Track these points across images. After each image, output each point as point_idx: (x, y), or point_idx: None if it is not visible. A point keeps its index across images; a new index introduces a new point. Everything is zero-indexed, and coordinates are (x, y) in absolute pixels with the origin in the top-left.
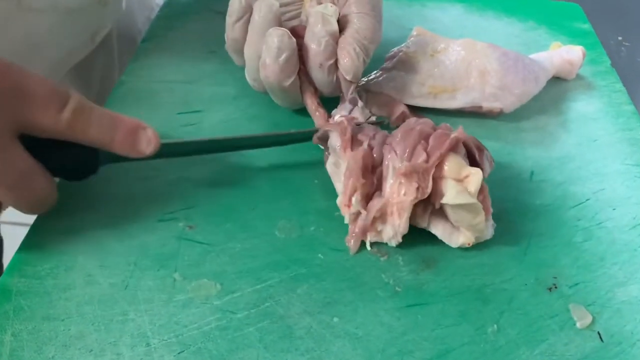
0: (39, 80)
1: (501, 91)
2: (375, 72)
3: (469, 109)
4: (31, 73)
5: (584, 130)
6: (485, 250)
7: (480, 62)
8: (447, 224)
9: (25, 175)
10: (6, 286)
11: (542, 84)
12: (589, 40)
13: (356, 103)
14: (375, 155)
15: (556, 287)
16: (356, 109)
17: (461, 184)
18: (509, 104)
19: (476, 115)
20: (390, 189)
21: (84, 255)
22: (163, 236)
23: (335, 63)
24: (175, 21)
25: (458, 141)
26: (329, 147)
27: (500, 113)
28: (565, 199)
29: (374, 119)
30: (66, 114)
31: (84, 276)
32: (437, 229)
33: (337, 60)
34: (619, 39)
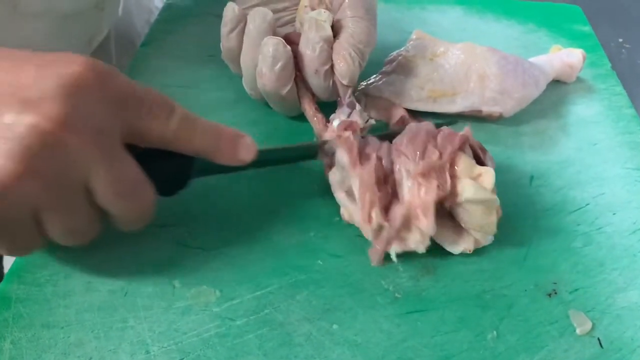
0: (147, 89)
1: (501, 95)
2: (374, 76)
3: (469, 113)
4: (138, 82)
5: (584, 134)
6: (485, 256)
7: (480, 66)
8: (447, 231)
9: (136, 185)
10: (5, 293)
11: (542, 87)
12: (589, 43)
13: (354, 107)
14: (385, 165)
15: (556, 293)
16: (354, 113)
17: (476, 182)
18: (509, 108)
19: (476, 119)
20: (409, 192)
21: (83, 262)
22: (163, 242)
23: (331, 68)
24: (175, 25)
25: (466, 139)
26: (332, 160)
27: (500, 117)
28: (565, 203)
29: (373, 122)
30: (173, 122)
31: (83, 283)
32: (438, 236)
33: (332, 65)
34: (620, 41)
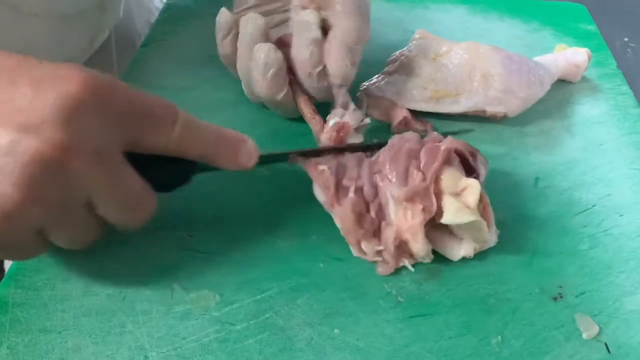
0: (147, 99)
1: (505, 95)
2: (376, 76)
3: (473, 113)
4: (140, 91)
5: (589, 134)
6: (490, 259)
7: (484, 66)
8: (447, 238)
9: (137, 197)
10: (2, 297)
11: (547, 87)
12: (594, 42)
13: (347, 107)
14: (366, 192)
15: (562, 297)
16: (347, 113)
17: (459, 198)
18: (513, 107)
19: (480, 119)
20: (396, 216)
21: (81, 265)
22: (162, 245)
23: (324, 69)
24: (175, 26)
25: (450, 152)
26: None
27: (504, 117)
28: (571, 205)
29: (368, 120)
30: (175, 133)
31: (81, 287)
32: (437, 243)
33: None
34: (625, 40)
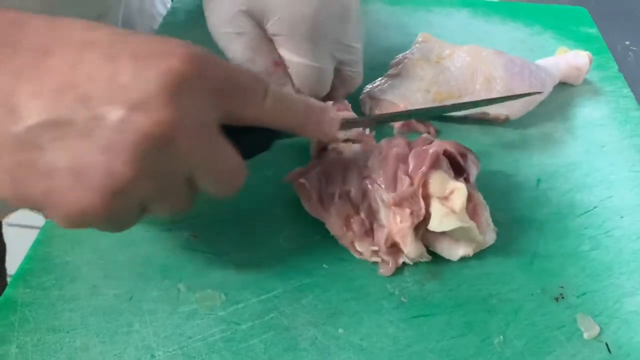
0: (241, 72)
1: None
2: (379, 79)
3: (475, 116)
4: (233, 64)
5: (591, 136)
6: (491, 260)
7: (486, 69)
8: (443, 239)
9: (234, 171)
10: (11, 297)
11: (549, 90)
12: (596, 45)
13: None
14: (354, 196)
15: (563, 297)
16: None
17: (447, 202)
18: (515, 110)
19: (482, 122)
20: (386, 220)
21: (88, 265)
22: (167, 246)
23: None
24: (179, 30)
25: (438, 156)
26: None
27: (506, 120)
28: (572, 207)
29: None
30: (267, 104)
31: (88, 287)
32: (435, 244)
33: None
34: (627, 43)
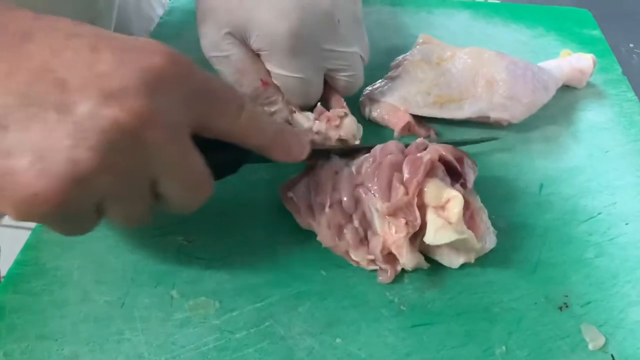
0: (220, 83)
1: (510, 101)
2: (379, 80)
3: (476, 119)
4: (213, 74)
5: (594, 140)
6: (493, 267)
7: (488, 71)
8: (443, 247)
9: (201, 176)
10: None
11: (552, 93)
12: (599, 47)
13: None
14: (345, 205)
15: (567, 306)
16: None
17: (442, 213)
18: (518, 114)
19: (484, 125)
20: (381, 230)
21: (79, 270)
22: (161, 251)
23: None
24: (176, 29)
25: (433, 163)
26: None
27: (509, 123)
28: (576, 213)
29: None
30: (242, 119)
31: (79, 293)
32: (435, 252)
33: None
34: (630, 45)
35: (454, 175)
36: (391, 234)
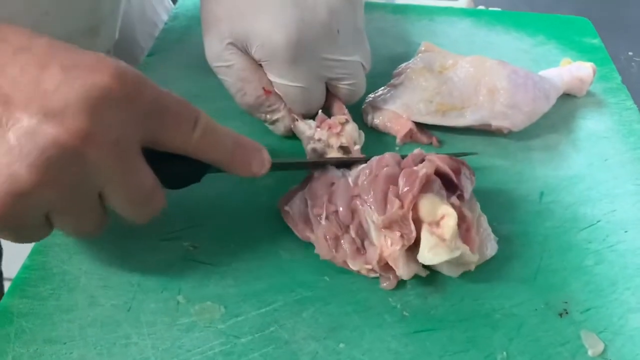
0: (173, 99)
1: (511, 109)
2: (382, 88)
3: (478, 127)
4: (165, 90)
5: (594, 149)
6: (494, 274)
7: (490, 80)
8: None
9: (149, 192)
10: (8, 308)
11: (553, 101)
12: (599, 56)
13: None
14: (342, 216)
15: (567, 313)
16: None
17: (437, 229)
18: (519, 122)
19: (485, 133)
20: (377, 242)
21: (86, 275)
22: (166, 256)
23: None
24: (181, 34)
25: (428, 177)
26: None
27: (510, 131)
28: (576, 220)
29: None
30: (195, 135)
31: (86, 297)
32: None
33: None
34: (630, 54)
35: (451, 187)
36: (387, 246)
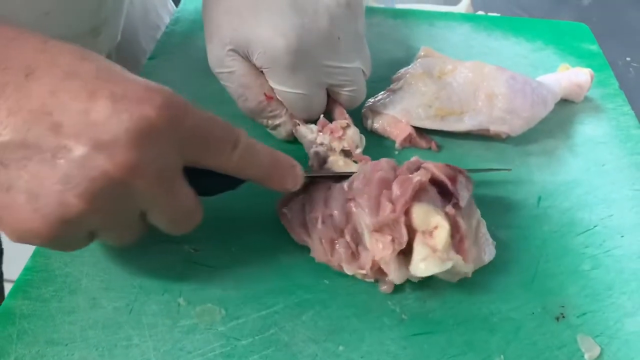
0: (215, 122)
1: (509, 115)
2: (381, 93)
3: (476, 132)
4: (209, 114)
5: (591, 154)
6: (492, 278)
7: (488, 85)
8: None
9: (189, 214)
10: (10, 309)
11: (550, 107)
12: (597, 62)
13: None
14: (337, 220)
15: (564, 317)
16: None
17: (430, 240)
18: (517, 127)
19: (483, 138)
20: (370, 245)
21: (88, 277)
22: (168, 259)
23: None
24: (183, 38)
25: (422, 185)
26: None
27: (508, 136)
28: (573, 225)
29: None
30: (235, 156)
31: (88, 299)
32: None
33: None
34: (627, 59)
35: (447, 195)
36: (379, 249)
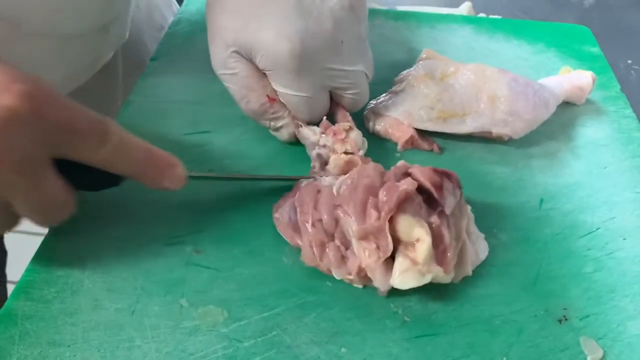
0: (83, 114)
1: (511, 117)
2: (383, 95)
3: (479, 134)
4: (76, 105)
5: (593, 156)
6: (494, 280)
7: (490, 88)
8: None
9: (58, 202)
10: (12, 310)
11: (552, 109)
12: (598, 64)
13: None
14: (327, 224)
15: (566, 319)
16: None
17: (412, 252)
18: (519, 129)
19: (485, 140)
20: (357, 252)
21: (90, 279)
22: (170, 261)
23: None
24: (184, 39)
25: (407, 194)
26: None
27: (510, 139)
28: (575, 228)
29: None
30: (105, 149)
31: (90, 301)
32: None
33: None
34: (629, 62)
35: (434, 202)
36: (365, 257)
